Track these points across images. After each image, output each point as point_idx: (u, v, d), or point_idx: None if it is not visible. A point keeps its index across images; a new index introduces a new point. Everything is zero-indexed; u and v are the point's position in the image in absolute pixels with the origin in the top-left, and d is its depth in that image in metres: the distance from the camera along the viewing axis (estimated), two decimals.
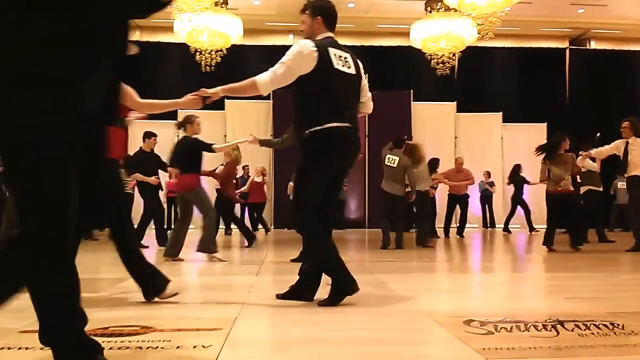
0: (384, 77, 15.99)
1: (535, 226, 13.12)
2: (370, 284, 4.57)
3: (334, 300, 3.42)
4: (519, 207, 13.22)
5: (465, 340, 2.54)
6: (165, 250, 6.58)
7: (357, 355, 2.37)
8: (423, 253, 7.67)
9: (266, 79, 3.49)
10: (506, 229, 13.27)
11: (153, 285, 3.67)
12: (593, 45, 18.04)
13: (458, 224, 11.87)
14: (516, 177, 12.94)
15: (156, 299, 3.63)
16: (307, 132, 3.46)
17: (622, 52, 17.44)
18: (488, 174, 14.51)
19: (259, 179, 13.36)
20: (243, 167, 13.87)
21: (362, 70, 3.69)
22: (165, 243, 8.20)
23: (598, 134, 9.60)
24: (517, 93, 16.83)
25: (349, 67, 3.54)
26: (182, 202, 6.57)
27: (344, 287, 3.44)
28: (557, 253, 7.38)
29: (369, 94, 3.77)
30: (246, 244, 8.72)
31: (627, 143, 7.80)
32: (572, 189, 8.02)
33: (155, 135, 8.98)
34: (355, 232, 13.96)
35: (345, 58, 3.54)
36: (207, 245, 6.46)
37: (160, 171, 8.97)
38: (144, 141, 8.81)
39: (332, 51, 3.47)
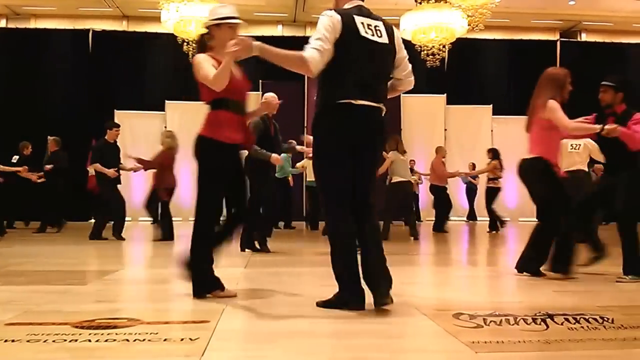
0: None
1: (524, 219, 13.08)
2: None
3: (332, 304, 3.13)
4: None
5: (455, 333, 2.52)
6: None
7: (347, 347, 2.35)
8: (412, 247, 7.67)
9: (316, 56, 3.03)
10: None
11: None
12: (584, 37, 18.07)
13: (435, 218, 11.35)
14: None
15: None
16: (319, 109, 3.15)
17: (613, 45, 17.48)
18: (473, 166, 14.50)
19: None
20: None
21: (397, 41, 3.25)
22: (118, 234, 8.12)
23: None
24: (507, 85, 16.83)
25: (379, 36, 3.14)
26: None
27: (348, 300, 3.08)
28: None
29: (409, 68, 3.35)
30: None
31: None
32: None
33: (119, 126, 8.71)
34: None
35: (377, 26, 3.16)
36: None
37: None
38: (105, 132, 8.54)
39: (359, 19, 3.11)
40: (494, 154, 11.07)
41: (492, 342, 2.41)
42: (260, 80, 15.91)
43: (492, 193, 11.00)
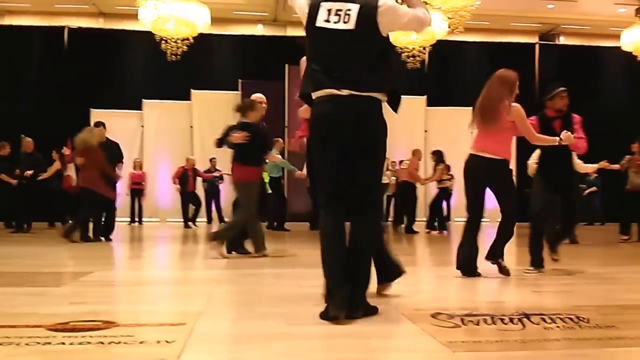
0: None
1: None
2: None
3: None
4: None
5: (433, 333, 2.53)
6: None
7: (325, 348, 2.34)
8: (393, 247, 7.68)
9: None
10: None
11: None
12: (562, 40, 18.29)
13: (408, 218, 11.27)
14: None
15: None
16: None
17: (591, 48, 17.71)
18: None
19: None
20: (210, 160, 13.74)
21: (380, 17, 2.91)
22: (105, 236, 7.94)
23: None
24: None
25: (346, 22, 2.90)
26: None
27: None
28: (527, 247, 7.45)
29: (403, 11, 3.00)
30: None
31: None
32: None
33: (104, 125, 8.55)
34: None
35: (348, 10, 2.91)
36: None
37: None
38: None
39: (327, 5, 2.94)
40: (438, 156, 10.99)
41: (470, 341, 2.42)
42: (240, 80, 15.86)
43: (444, 195, 11.20)
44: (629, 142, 9.29)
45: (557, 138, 4.61)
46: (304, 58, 3.14)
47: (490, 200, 4.65)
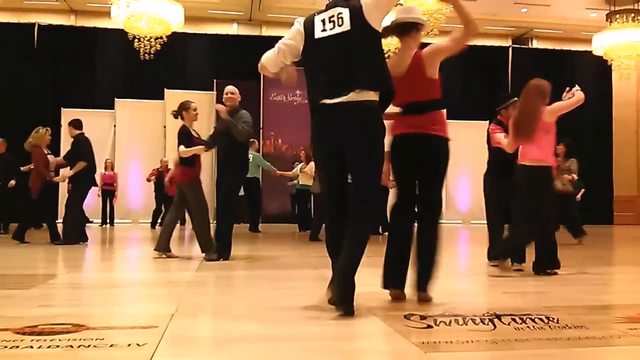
0: None
1: (475, 222, 13.34)
2: (314, 279, 4.54)
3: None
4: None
5: (405, 334, 2.54)
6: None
7: (298, 350, 2.34)
8: (369, 248, 7.70)
9: (268, 54, 3.40)
10: None
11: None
12: (535, 44, 18.57)
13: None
14: None
15: None
16: None
17: (563, 52, 18.01)
18: None
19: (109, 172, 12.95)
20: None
21: (367, 13, 3.06)
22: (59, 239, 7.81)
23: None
24: (460, 90, 17.12)
25: (340, 24, 3.08)
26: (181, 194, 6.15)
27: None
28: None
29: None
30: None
31: None
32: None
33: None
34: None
35: (340, 14, 3.09)
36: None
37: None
38: (79, 129, 8.22)
39: (320, 17, 3.16)
40: None
41: (442, 342, 2.44)
42: (215, 80, 15.77)
43: None
44: (598, 144, 9.48)
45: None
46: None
47: (464, 202, 4.72)
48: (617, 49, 15.24)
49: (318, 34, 3.14)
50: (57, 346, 2.32)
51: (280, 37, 3.36)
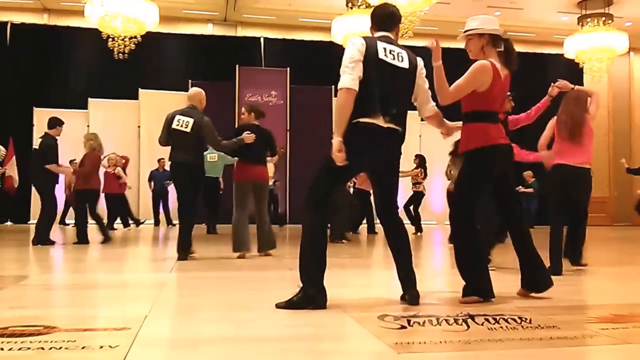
0: (305, 71, 15.99)
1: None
2: (288, 280, 4.53)
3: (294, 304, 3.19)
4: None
5: (379, 335, 2.55)
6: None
7: (271, 352, 2.33)
8: (342, 249, 7.72)
9: (345, 78, 3.22)
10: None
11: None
12: None
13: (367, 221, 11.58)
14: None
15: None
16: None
17: (535, 55, 18.24)
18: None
19: (110, 170, 12.79)
20: (158, 160, 13.51)
21: (420, 70, 3.56)
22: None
23: None
24: (434, 92, 17.24)
25: (401, 61, 3.41)
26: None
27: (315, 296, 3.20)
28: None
29: (428, 96, 3.66)
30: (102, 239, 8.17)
31: None
32: None
33: (63, 123, 8.28)
34: (275, 227, 13.89)
35: (399, 53, 3.43)
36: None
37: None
38: (50, 128, 8.08)
39: (382, 45, 3.36)
40: (420, 160, 11.58)
41: (415, 342, 2.45)
42: (190, 80, 15.66)
43: (418, 197, 11.56)
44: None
45: None
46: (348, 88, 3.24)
47: (438, 204, 4.77)
48: (589, 52, 15.52)
49: (382, 56, 3.33)
50: (28, 348, 2.28)
51: (255, 38, 3.35)
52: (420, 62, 3.56)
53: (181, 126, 6.00)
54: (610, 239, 11.18)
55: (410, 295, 3.35)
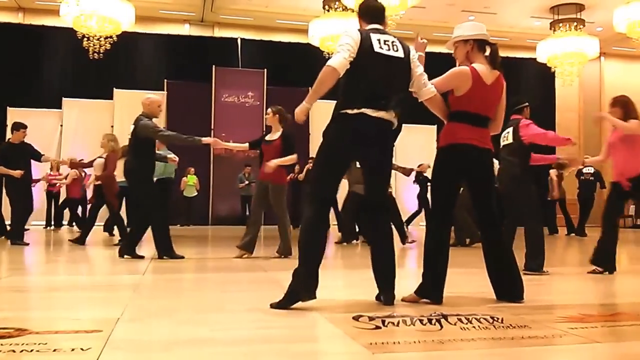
0: (282, 73, 15.98)
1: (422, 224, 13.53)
2: (263, 282, 4.54)
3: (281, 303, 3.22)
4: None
5: (354, 335, 2.56)
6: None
7: (245, 354, 2.32)
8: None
9: (338, 57, 3.24)
10: (408, 224, 13.39)
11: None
12: None
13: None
14: (420, 177, 13.22)
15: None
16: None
17: (508, 59, 18.48)
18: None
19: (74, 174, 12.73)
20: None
21: (413, 57, 3.53)
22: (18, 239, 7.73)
23: None
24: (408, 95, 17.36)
25: (396, 51, 3.41)
26: None
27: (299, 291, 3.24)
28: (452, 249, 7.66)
29: (424, 80, 3.56)
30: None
31: None
32: None
33: (25, 127, 8.39)
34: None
35: (394, 42, 3.43)
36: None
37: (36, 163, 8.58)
38: (12, 133, 8.36)
39: (376, 36, 3.37)
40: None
41: (389, 342, 2.47)
42: (166, 80, 15.56)
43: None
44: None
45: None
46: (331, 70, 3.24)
47: (412, 203, 4.76)
48: (561, 56, 15.79)
49: (377, 48, 3.33)
50: None
51: (232, 39, 3.37)
52: (412, 48, 3.57)
53: (130, 134, 6.18)
54: (580, 240, 11.36)
55: (386, 296, 3.37)
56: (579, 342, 2.54)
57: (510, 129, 5.46)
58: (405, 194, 15.71)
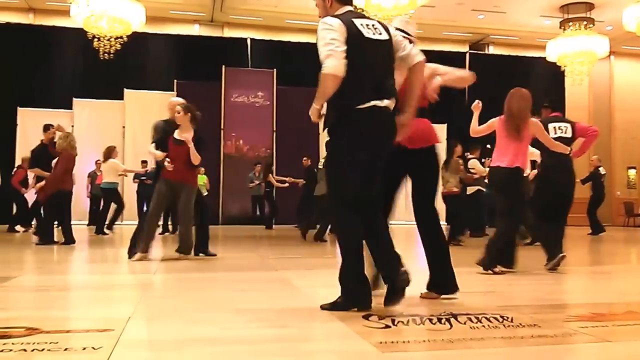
0: (292, 73, 15.99)
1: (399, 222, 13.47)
2: (274, 281, 4.55)
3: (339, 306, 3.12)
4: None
5: (364, 334, 2.56)
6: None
7: (255, 353, 2.33)
8: (326, 249, 7.74)
9: (332, 61, 3.00)
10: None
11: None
12: (491, 50, 18.94)
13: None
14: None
15: None
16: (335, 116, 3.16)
17: (518, 58, 18.42)
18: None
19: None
20: (142, 162, 13.41)
21: (392, 32, 3.30)
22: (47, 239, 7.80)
23: (488, 145, 10.07)
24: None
25: (380, 34, 3.19)
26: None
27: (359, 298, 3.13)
28: (458, 248, 7.66)
29: (408, 48, 3.30)
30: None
31: None
32: (456, 189, 8.79)
33: (53, 127, 8.53)
34: (258, 228, 13.90)
35: (374, 25, 3.21)
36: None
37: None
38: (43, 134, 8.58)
39: (358, 21, 3.15)
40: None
41: (399, 342, 2.47)
42: (175, 80, 15.61)
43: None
44: None
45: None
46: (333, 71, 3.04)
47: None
48: (570, 55, 15.69)
49: (367, 34, 3.13)
50: (10, 350, 2.26)
51: (242, 39, 3.31)
52: (390, 27, 3.36)
53: None
54: (590, 239, 11.29)
55: (399, 278, 3.15)
56: (590, 341, 2.53)
57: (569, 125, 5.84)
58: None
